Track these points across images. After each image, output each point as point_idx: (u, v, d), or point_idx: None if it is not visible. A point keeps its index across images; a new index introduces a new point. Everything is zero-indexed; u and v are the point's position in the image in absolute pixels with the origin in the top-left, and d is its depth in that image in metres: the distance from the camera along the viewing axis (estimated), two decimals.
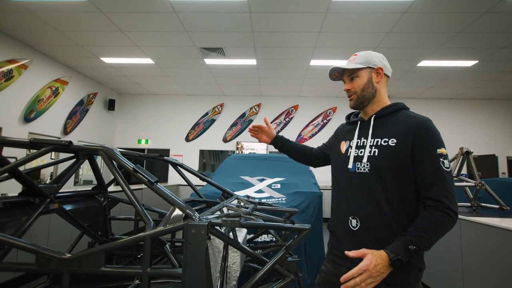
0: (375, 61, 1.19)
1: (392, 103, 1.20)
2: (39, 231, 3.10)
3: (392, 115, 1.16)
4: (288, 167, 3.91)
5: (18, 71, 5.19)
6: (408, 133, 1.07)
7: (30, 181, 1.85)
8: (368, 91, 1.18)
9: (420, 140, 1.05)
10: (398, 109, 1.17)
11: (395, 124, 1.12)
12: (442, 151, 1.04)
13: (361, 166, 1.14)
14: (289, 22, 4.34)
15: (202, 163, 8.41)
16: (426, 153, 1.04)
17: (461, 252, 2.40)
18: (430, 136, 1.06)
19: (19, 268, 1.24)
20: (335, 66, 1.22)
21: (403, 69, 5.99)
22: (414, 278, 1.07)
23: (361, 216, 1.11)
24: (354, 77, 1.19)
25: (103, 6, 3.99)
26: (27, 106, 5.46)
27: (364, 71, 1.18)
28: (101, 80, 7.42)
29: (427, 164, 1.04)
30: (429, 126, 1.08)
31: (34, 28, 4.70)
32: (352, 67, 1.18)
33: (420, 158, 1.05)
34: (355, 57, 1.20)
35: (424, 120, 1.09)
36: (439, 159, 1.03)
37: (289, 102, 8.41)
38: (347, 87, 1.21)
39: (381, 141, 1.11)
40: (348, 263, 1.11)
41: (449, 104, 8.21)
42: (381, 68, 1.19)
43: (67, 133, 6.55)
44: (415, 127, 1.07)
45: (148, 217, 1.34)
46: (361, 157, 1.15)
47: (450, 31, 4.44)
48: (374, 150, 1.12)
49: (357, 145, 1.19)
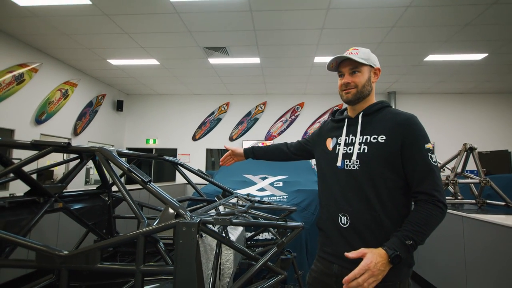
0: (375, 61, 1.21)
1: (378, 101, 1.21)
2: (49, 229, 3.21)
3: (378, 112, 1.17)
4: (291, 165, 3.91)
5: (29, 74, 5.35)
6: (397, 129, 1.09)
7: (34, 181, 1.92)
8: (367, 88, 1.18)
9: (409, 137, 1.07)
10: (384, 107, 1.18)
11: (383, 121, 1.13)
12: (429, 146, 1.07)
13: (350, 163, 1.14)
14: (290, 20, 4.33)
15: (211, 161, 8.48)
16: (415, 149, 1.06)
17: (464, 250, 2.37)
18: (418, 133, 1.08)
19: (22, 265, 1.29)
20: (341, 55, 1.18)
21: (410, 64, 5.88)
22: (404, 274, 1.07)
23: (351, 213, 1.12)
24: (356, 72, 1.17)
25: (106, 8, 4.07)
26: (38, 108, 5.63)
27: (366, 68, 1.18)
28: (109, 81, 7.57)
29: (417, 160, 1.06)
30: (416, 122, 1.10)
31: (43, 33, 4.83)
32: (358, 60, 1.15)
33: (410, 154, 1.06)
34: (357, 51, 1.17)
35: (411, 117, 1.11)
36: (427, 154, 1.06)
37: (294, 100, 8.38)
38: (347, 80, 1.18)
39: (370, 138, 1.12)
40: (339, 260, 1.11)
41: (459, 99, 8.01)
42: (379, 70, 1.22)
43: (77, 134, 6.72)
44: (403, 123, 1.09)
45: (142, 215, 1.38)
46: (350, 154, 1.15)
47: (457, 23, 4.33)
48: (363, 147, 1.12)
49: (345, 142, 1.19)
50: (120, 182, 1.44)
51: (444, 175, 2.93)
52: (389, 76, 6.66)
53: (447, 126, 7.90)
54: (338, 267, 1.12)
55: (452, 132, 7.81)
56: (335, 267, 1.13)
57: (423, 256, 3.07)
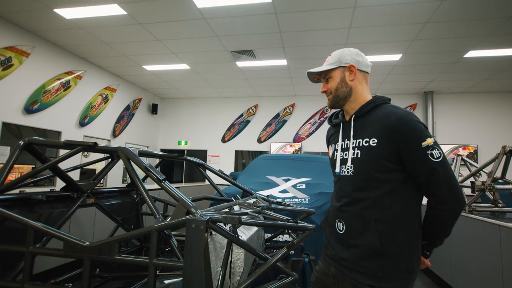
0: (346, 59, 1.15)
1: (370, 99, 1.15)
2: (85, 223, 3.49)
3: (371, 112, 1.12)
4: (315, 168, 3.85)
5: (74, 81, 5.87)
6: (387, 131, 1.03)
7: (69, 178, 2.11)
8: (342, 90, 1.16)
9: (402, 140, 1.01)
10: (377, 105, 1.12)
11: (374, 123, 1.08)
12: (428, 142, 0.99)
13: (345, 169, 1.13)
14: (315, 20, 4.27)
15: (242, 163, 8.60)
16: (411, 151, 1.00)
17: (501, 260, 2.16)
18: (410, 132, 1.00)
19: (51, 253, 1.44)
20: (310, 70, 1.22)
21: (448, 61, 5.49)
22: (403, 282, 1.01)
23: (346, 219, 1.12)
24: (328, 78, 1.19)
25: (140, 17, 4.35)
26: (82, 112, 6.15)
27: (336, 71, 1.17)
28: (145, 86, 8.03)
29: (416, 161, 1.00)
30: (407, 120, 1.02)
31: (86, 42, 5.28)
32: (323, 69, 1.17)
33: (408, 157, 1.01)
34: (328, 58, 1.20)
35: (402, 116, 1.03)
36: (426, 152, 0.99)
37: (323, 102, 8.21)
38: (323, 89, 1.22)
39: (363, 141, 1.08)
40: (336, 264, 1.13)
41: (507, 97, 7.29)
42: (353, 66, 1.15)
43: (115, 135, 7.21)
44: (392, 124, 1.02)
45: (157, 212, 1.46)
46: (345, 160, 1.14)
47: (500, 16, 3.97)
48: (357, 151, 1.10)
49: (341, 147, 1.18)
50: (139, 180, 1.54)
51: (480, 181, 2.70)
52: (424, 75, 6.28)
53: (492, 127, 7.22)
54: (335, 269, 1.13)
55: (498, 135, 7.13)
56: (333, 269, 1.15)
57: (455, 266, 2.85)
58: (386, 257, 1.00)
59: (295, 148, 8.15)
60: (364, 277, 1.00)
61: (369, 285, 0.98)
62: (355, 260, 1.04)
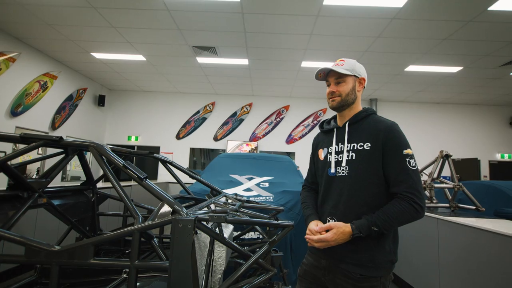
0: (360, 71, 1.28)
1: (363, 109, 1.29)
2: (26, 225, 3.09)
3: (364, 120, 1.26)
4: (276, 167, 3.98)
5: (5, 64, 5.10)
6: (379, 136, 1.17)
7: (19, 176, 1.86)
8: (351, 97, 1.27)
9: (389, 143, 1.15)
10: (369, 115, 1.27)
11: (368, 129, 1.22)
12: (408, 151, 1.15)
13: (340, 170, 1.23)
14: (281, 24, 4.41)
15: (193, 161, 8.42)
16: (394, 155, 1.14)
17: (438, 249, 2.52)
18: (397, 139, 1.16)
19: (8, 260, 1.26)
20: (325, 66, 1.28)
21: (392, 73, 6.14)
22: (387, 270, 1.17)
23: (339, 217, 1.21)
24: (341, 82, 1.26)
25: (94, 1, 3.97)
26: (15, 99, 5.38)
27: (350, 78, 1.26)
28: (91, 75, 7.34)
29: (395, 164, 1.14)
30: (396, 129, 1.18)
31: (23, 21, 4.63)
32: (342, 72, 1.24)
33: (389, 160, 1.15)
34: (343, 63, 1.26)
35: (392, 125, 1.19)
36: (405, 159, 1.14)
37: (280, 102, 8.49)
38: (333, 89, 1.27)
39: (357, 145, 1.21)
40: (327, 256, 1.21)
41: (436, 108, 8.45)
42: (364, 79, 1.29)
43: (55, 128, 6.47)
44: (384, 131, 1.17)
45: (137, 212, 1.38)
46: (340, 161, 1.24)
47: (435, 37, 4.59)
48: (351, 154, 1.21)
49: (335, 150, 1.27)
50: (115, 179, 1.43)
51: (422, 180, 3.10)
52: (372, 83, 6.92)
53: (425, 133, 8.29)
54: (326, 261, 1.22)
55: (428, 140, 8.20)
56: (324, 262, 1.23)
57: (399, 255, 3.22)
58: (376, 250, 1.12)
59: (251, 147, 8.27)
60: (356, 268, 1.11)
61: (360, 274, 1.08)
62: (348, 253, 1.14)
